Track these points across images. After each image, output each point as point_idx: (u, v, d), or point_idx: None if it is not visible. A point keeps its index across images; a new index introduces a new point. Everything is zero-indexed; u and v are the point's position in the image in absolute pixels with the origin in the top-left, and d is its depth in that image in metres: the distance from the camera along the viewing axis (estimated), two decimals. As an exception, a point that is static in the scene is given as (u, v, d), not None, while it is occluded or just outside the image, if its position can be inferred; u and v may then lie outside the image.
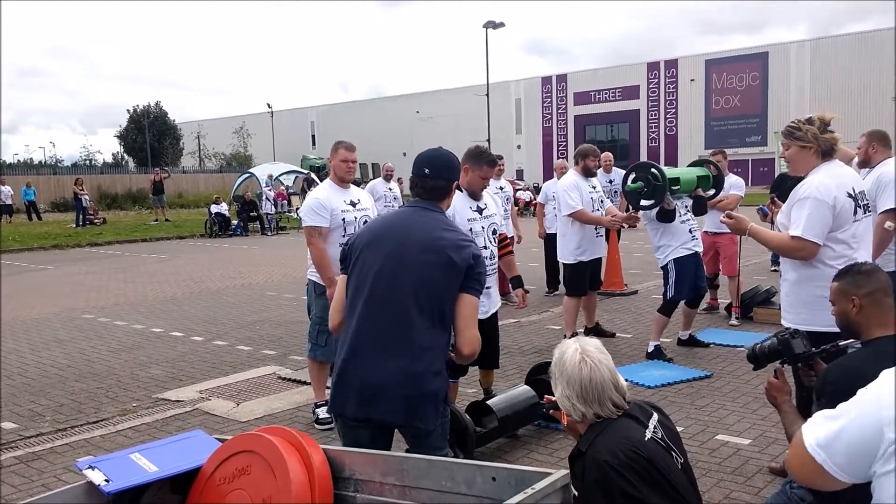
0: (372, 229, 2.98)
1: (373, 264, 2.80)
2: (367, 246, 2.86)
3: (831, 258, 3.45)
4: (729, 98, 52.30)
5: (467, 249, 2.79)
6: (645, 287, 10.35)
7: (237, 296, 11.08)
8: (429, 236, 2.81)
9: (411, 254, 2.77)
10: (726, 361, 6.40)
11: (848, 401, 1.76)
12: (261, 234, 23.60)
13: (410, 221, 2.91)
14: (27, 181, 33.06)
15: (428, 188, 2.96)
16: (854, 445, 1.68)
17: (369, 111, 69.05)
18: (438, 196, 2.98)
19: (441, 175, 2.97)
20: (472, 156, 4.55)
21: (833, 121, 3.54)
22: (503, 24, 37.18)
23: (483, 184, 4.62)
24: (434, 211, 2.95)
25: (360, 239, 2.93)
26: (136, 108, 66.96)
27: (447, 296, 2.75)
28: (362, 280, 2.81)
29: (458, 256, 2.75)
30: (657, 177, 6.13)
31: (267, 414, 5.46)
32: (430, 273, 2.73)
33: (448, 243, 2.78)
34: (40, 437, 5.16)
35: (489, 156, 4.60)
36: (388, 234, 2.87)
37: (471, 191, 4.58)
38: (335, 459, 2.16)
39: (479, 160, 4.53)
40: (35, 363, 7.24)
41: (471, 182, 4.55)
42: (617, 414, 2.37)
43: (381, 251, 2.81)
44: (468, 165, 4.52)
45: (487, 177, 4.61)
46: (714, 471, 4.17)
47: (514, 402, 4.59)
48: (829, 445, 1.72)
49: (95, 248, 20.22)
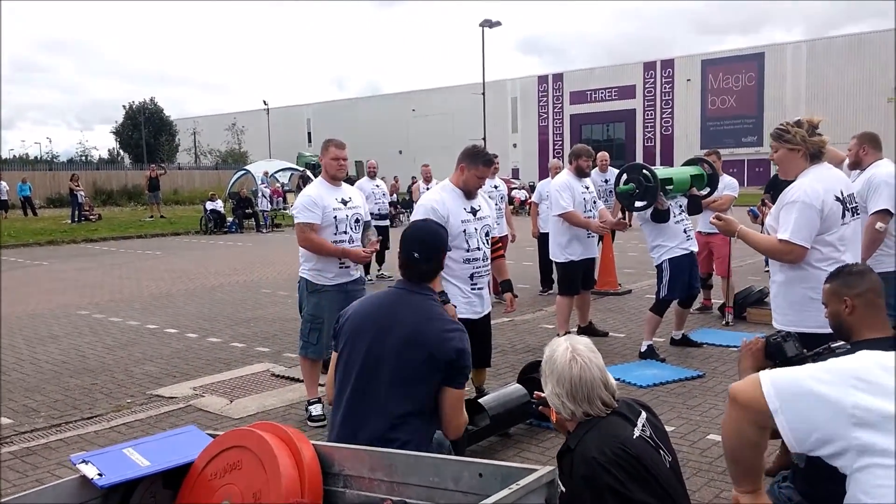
0: (360, 313, 2.96)
1: (356, 359, 2.82)
2: (355, 334, 2.87)
3: (819, 260, 3.48)
4: (725, 98, 52.36)
5: (450, 343, 2.77)
6: (639, 286, 10.38)
7: (232, 293, 11.10)
8: (411, 330, 2.79)
9: (392, 350, 2.77)
10: (719, 361, 6.44)
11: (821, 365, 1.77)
12: (256, 231, 23.60)
13: (396, 311, 2.88)
14: (23, 177, 33.05)
15: (420, 272, 2.96)
16: (807, 411, 1.69)
17: (365, 109, 68.97)
18: (429, 277, 2.99)
19: (431, 258, 2.98)
20: (468, 155, 4.59)
21: (822, 123, 3.58)
22: (499, 23, 37.25)
23: (479, 183, 4.64)
24: (422, 294, 2.94)
25: (349, 323, 2.93)
26: (131, 104, 66.85)
27: (428, 391, 2.75)
28: (347, 373, 2.84)
29: (439, 352, 2.74)
30: (649, 178, 6.15)
31: (260, 411, 5.48)
32: (410, 371, 2.74)
33: (430, 337, 2.77)
34: (35, 432, 5.18)
35: (486, 155, 4.63)
36: (372, 325, 2.86)
37: (466, 190, 4.60)
38: (325, 455, 2.19)
39: (476, 159, 4.56)
40: (30, 359, 7.25)
41: (466, 181, 4.58)
42: (606, 412, 2.40)
43: (364, 342, 2.83)
44: (464, 164, 4.56)
45: (484, 176, 4.64)
46: (704, 470, 4.20)
47: (505, 400, 4.61)
48: (787, 398, 1.72)
49: (90, 244, 20.20)
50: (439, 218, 4.44)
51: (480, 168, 4.56)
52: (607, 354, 6.77)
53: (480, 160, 4.56)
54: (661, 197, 6.23)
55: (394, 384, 2.72)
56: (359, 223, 5.24)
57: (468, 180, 4.57)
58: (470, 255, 4.58)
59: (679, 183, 6.50)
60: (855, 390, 1.65)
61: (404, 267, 2.99)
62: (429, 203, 4.55)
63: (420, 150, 57.28)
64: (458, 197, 4.59)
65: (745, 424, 1.83)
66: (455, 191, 4.62)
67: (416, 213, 4.62)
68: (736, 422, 1.86)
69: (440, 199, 4.57)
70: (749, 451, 1.89)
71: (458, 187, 4.61)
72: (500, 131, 58.06)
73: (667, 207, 6.36)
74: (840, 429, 1.64)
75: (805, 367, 1.80)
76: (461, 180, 4.58)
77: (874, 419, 1.60)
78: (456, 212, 4.53)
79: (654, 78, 55.38)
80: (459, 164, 4.61)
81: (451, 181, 4.69)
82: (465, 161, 4.56)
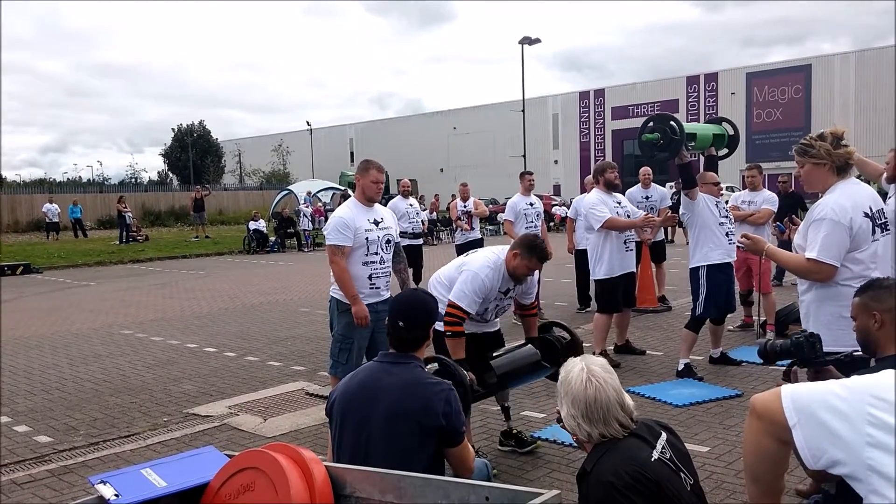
0: (345, 395, 2.93)
1: (347, 445, 2.82)
2: (342, 418, 2.87)
3: (849, 278, 3.38)
4: (771, 111, 51.55)
5: (435, 408, 2.75)
6: (679, 304, 10.22)
7: (271, 312, 11.22)
8: (395, 404, 2.78)
9: (379, 429, 2.76)
10: (758, 380, 6.29)
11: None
12: (297, 251, 23.87)
13: (378, 387, 2.86)
14: (74, 199, 33.96)
15: (403, 340, 2.99)
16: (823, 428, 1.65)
17: (406, 128, 69.55)
18: (414, 346, 3.00)
19: (416, 327, 3.00)
20: (527, 245, 4.45)
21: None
22: (539, 41, 37.28)
23: (529, 273, 4.51)
24: (404, 364, 2.94)
25: (336, 407, 2.93)
26: (179, 126, 68.46)
27: (427, 455, 2.74)
28: (339, 458, 2.83)
29: (426, 419, 2.73)
30: (675, 129, 6.10)
31: (293, 429, 5.51)
32: (401, 446, 2.73)
33: (415, 407, 2.75)
34: (73, 450, 5.28)
35: (542, 251, 4.47)
36: (358, 405, 2.85)
37: (514, 275, 4.49)
38: (337, 477, 2.19)
39: (532, 252, 4.41)
40: (72, 377, 7.41)
41: (517, 268, 4.44)
42: (623, 434, 2.35)
43: (351, 425, 2.82)
44: (519, 252, 4.42)
45: (534, 269, 4.52)
46: (740, 492, 4.09)
47: (514, 360, 4.49)
48: (806, 413, 1.69)
49: (137, 264, 20.65)
50: (485, 291, 4.42)
51: (535, 261, 4.43)
52: (644, 373, 6.69)
53: (536, 254, 4.42)
54: (682, 150, 6.16)
55: (389, 463, 2.63)
56: (390, 244, 5.26)
57: (518, 268, 4.43)
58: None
59: (702, 139, 6.50)
60: (872, 408, 1.60)
61: (389, 335, 3.03)
62: (481, 272, 4.44)
63: (461, 168, 57.53)
64: (505, 279, 4.49)
65: (763, 437, 1.80)
66: (502, 271, 4.48)
67: (467, 271, 4.50)
68: (755, 434, 1.83)
69: (491, 274, 4.44)
70: (768, 468, 1.85)
71: (508, 271, 4.48)
72: (541, 148, 58.03)
73: (688, 161, 6.28)
74: (855, 447, 1.59)
75: (826, 383, 1.76)
76: (512, 266, 4.44)
77: (888, 440, 1.55)
78: (495, 290, 4.49)
79: (698, 92, 54.81)
80: (514, 249, 4.46)
81: (505, 260, 4.49)
82: (522, 250, 4.42)
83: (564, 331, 4.72)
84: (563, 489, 4.11)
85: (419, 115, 75.06)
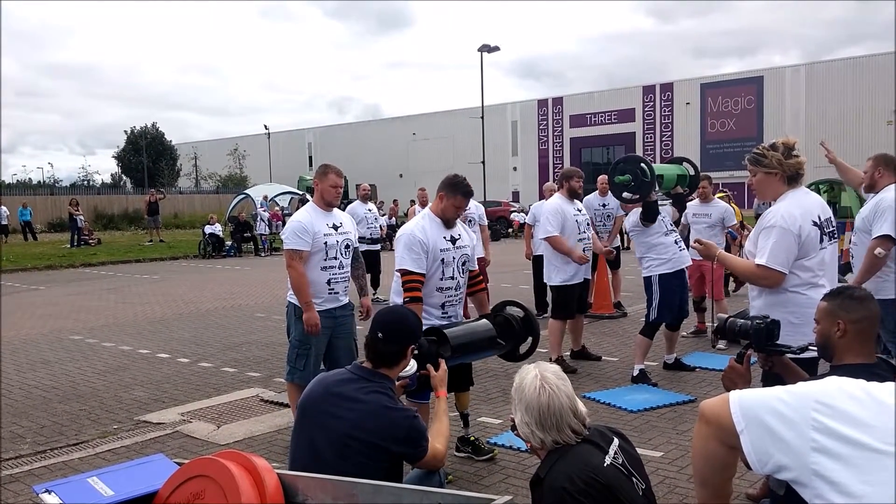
0: (310, 398, 2.90)
1: (301, 446, 2.80)
2: (302, 416, 2.86)
3: (797, 285, 3.47)
4: (724, 121, 52.54)
5: (396, 433, 2.73)
6: (634, 310, 10.34)
7: (226, 317, 11.07)
8: (356, 423, 2.74)
9: (332, 442, 2.73)
10: (711, 386, 6.38)
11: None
12: (254, 255, 23.61)
13: (341, 402, 2.82)
14: (23, 201, 33.14)
15: (379, 353, 2.97)
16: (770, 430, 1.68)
17: (366, 133, 69.29)
18: (389, 362, 2.98)
19: (393, 341, 2.97)
20: (448, 185, 4.61)
21: (797, 144, 3.57)
22: (498, 48, 37.52)
23: (457, 213, 4.66)
24: (375, 382, 2.90)
25: (300, 405, 2.91)
26: (133, 128, 67.25)
27: (376, 473, 2.65)
28: (294, 460, 2.82)
29: (385, 444, 2.71)
30: (646, 172, 6.21)
31: (247, 437, 5.44)
32: (352, 460, 2.68)
33: (375, 429, 2.73)
34: (19, 458, 5.14)
35: (465, 186, 4.63)
36: (317, 413, 2.82)
37: (444, 218, 4.62)
38: (289, 484, 2.17)
39: (455, 189, 4.58)
40: (19, 384, 7.21)
41: (444, 210, 4.60)
42: (576, 440, 2.37)
43: (306, 432, 2.80)
44: (444, 193, 4.58)
45: (461, 206, 4.64)
46: (692, 497, 4.14)
47: (468, 331, 4.44)
48: (752, 418, 1.72)
49: (89, 268, 20.21)
50: (422, 245, 4.45)
51: (459, 198, 4.57)
52: (600, 379, 6.75)
53: (460, 191, 4.58)
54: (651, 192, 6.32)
55: (340, 469, 2.57)
56: (349, 249, 5.24)
57: (446, 209, 4.60)
58: (443, 284, 4.59)
59: (668, 180, 6.64)
60: (817, 414, 1.64)
61: (366, 346, 3.01)
62: (410, 231, 4.57)
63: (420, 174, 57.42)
64: (438, 225, 4.61)
65: (711, 442, 1.82)
66: (435, 219, 4.64)
67: (398, 242, 4.64)
68: (703, 439, 1.85)
69: (421, 226, 4.59)
70: (716, 473, 1.87)
71: (438, 216, 4.62)
72: (500, 155, 58.28)
73: (655, 200, 6.46)
74: (800, 452, 1.63)
75: (773, 388, 1.79)
76: (439, 208, 4.60)
77: (832, 445, 1.59)
78: (435, 239, 4.54)
79: (654, 101, 55.64)
80: (439, 192, 4.64)
81: (431, 209, 4.71)
82: (445, 190, 4.59)
83: (518, 308, 4.65)
84: (518, 495, 4.12)
85: (379, 120, 74.90)
